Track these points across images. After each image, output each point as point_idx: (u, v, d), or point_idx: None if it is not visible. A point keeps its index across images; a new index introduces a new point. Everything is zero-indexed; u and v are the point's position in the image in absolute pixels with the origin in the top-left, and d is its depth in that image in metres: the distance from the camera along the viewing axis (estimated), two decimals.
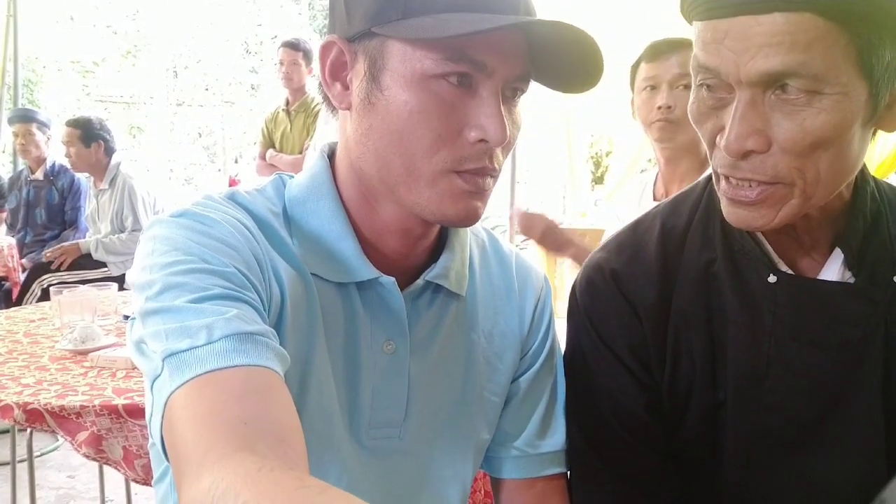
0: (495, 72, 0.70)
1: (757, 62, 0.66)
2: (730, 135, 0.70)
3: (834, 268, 0.80)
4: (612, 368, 0.86)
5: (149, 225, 0.73)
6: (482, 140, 0.71)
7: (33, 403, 1.34)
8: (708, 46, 0.70)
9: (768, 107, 0.69)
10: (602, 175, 6.50)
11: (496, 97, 0.71)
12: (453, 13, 0.67)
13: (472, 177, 0.72)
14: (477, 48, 0.68)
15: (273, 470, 0.51)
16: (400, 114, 0.70)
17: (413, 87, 0.69)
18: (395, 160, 0.72)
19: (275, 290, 0.72)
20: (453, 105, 0.70)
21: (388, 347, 0.79)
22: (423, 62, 0.69)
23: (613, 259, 0.88)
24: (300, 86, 3.84)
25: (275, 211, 0.78)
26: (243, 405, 0.57)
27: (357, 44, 0.73)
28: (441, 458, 0.84)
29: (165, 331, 0.62)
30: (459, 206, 0.73)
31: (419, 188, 0.72)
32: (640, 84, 1.76)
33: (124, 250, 3.62)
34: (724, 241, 0.83)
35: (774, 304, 0.79)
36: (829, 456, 0.80)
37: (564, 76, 0.75)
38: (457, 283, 0.83)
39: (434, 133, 0.70)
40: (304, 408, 0.73)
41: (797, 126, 0.68)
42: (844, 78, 0.66)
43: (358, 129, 0.74)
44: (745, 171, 0.71)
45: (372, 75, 0.71)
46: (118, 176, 3.66)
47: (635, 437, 0.86)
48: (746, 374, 0.81)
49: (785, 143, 0.68)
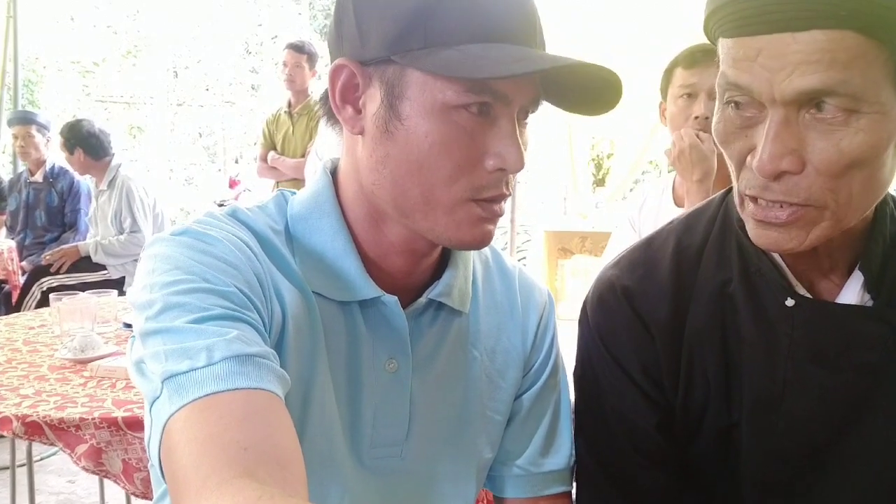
0: (513, 100, 0.70)
1: (794, 80, 0.64)
2: (763, 155, 0.67)
3: (853, 290, 0.78)
4: (623, 387, 0.85)
5: (150, 243, 0.72)
6: (501, 169, 0.71)
7: (32, 416, 1.34)
8: (739, 64, 0.67)
9: (803, 126, 0.66)
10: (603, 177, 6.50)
11: (513, 125, 0.71)
12: (477, 44, 0.67)
13: (489, 204, 0.72)
14: (498, 80, 0.68)
15: (273, 497, 0.51)
16: (421, 144, 0.69)
17: (434, 118, 0.69)
18: (413, 189, 0.71)
19: (276, 308, 0.71)
20: (473, 135, 0.69)
21: (390, 366, 0.78)
22: (445, 93, 0.68)
23: (626, 276, 0.87)
24: (303, 88, 3.82)
25: (276, 228, 0.77)
26: (243, 429, 0.57)
27: (370, 68, 0.71)
28: (443, 477, 0.84)
29: (165, 352, 0.61)
30: (476, 232, 0.73)
31: (436, 216, 0.72)
32: (677, 91, 1.68)
33: (123, 252, 3.63)
34: (740, 262, 0.81)
35: (791, 328, 0.77)
36: (845, 479, 0.79)
37: (581, 102, 0.75)
38: (460, 300, 0.82)
39: (454, 163, 0.70)
40: (305, 427, 0.73)
41: (833, 146, 0.65)
42: (883, 97, 0.64)
43: (373, 156, 0.73)
44: (777, 192, 0.69)
45: (390, 103, 0.70)
46: (117, 177, 3.66)
47: (645, 456, 0.85)
48: (762, 396, 0.79)
49: (820, 163, 0.66)
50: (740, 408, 0.81)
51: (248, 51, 11.54)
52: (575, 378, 0.92)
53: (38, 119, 4.10)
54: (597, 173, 6.76)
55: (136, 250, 3.63)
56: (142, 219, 3.63)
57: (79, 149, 3.62)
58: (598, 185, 6.40)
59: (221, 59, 11.23)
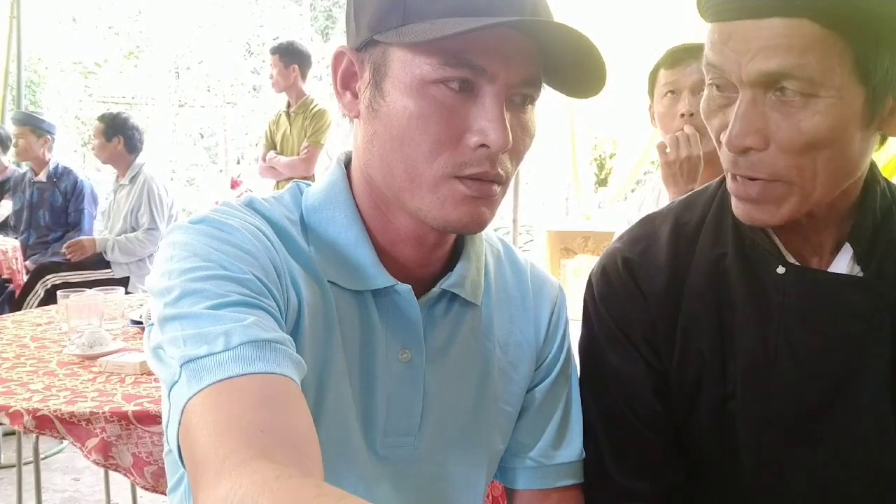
0: (497, 77, 0.69)
1: (756, 63, 0.70)
2: (731, 131, 0.74)
3: (843, 263, 0.82)
4: (623, 351, 0.90)
5: (168, 231, 0.73)
6: (483, 145, 0.70)
7: (43, 410, 1.34)
8: (715, 46, 0.74)
9: (768, 107, 0.72)
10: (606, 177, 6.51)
11: (498, 102, 0.70)
12: (451, 18, 0.67)
13: (475, 182, 0.72)
14: (476, 53, 0.68)
15: (291, 477, 0.51)
16: (400, 119, 0.70)
17: (413, 93, 0.70)
18: (398, 166, 0.72)
19: (292, 296, 0.72)
20: (454, 110, 0.70)
21: (403, 356, 0.79)
22: (423, 68, 0.69)
23: (627, 249, 0.92)
24: (288, 87, 3.84)
25: (292, 218, 0.78)
26: (260, 413, 0.57)
27: (363, 53, 0.73)
28: (455, 468, 0.84)
29: (183, 337, 0.62)
30: (462, 211, 0.72)
31: (421, 193, 0.72)
32: (661, 90, 1.73)
33: (139, 250, 3.66)
34: (735, 237, 0.86)
35: (783, 295, 0.82)
36: (838, 445, 0.82)
37: (569, 80, 0.75)
38: (472, 291, 0.83)
39: (433, 138, 0.70)
40: (321, 415, 0.73)
41: (793, 126, 0.71)
42: (839, 82, 0.69)
43: (364, 136, 0.75)
44: (744, 167, 0.75)
45: (375, 82, 0.72)
46: (140, 174, 3.72)
47: (642, 422, 0.89)
48: (755, 362, 0.83)
49: (781, 141, 0.72)
50: (735, 378, 0.84)
51: (250, 52, 11.54)
52: (579, 346, 0.96)
53: (35, 120, 4.11)
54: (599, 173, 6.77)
55: (151, 249, 3.66)
56: (159, 218, 3.67)
57: (119, 137, 3.69)
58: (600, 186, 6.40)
59: (223, 59, 11.24)
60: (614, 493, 0.89)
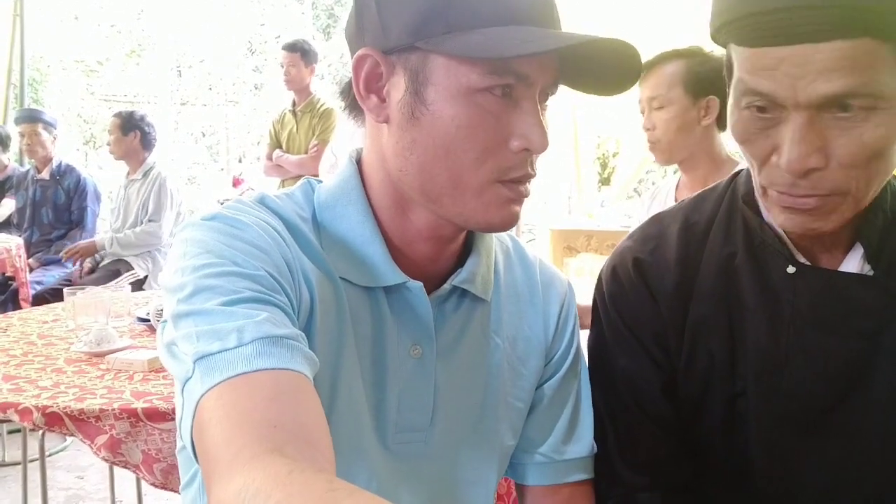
0: (536, 81, 0.71)
1: (818, 86, 0.68)
2: (790, 155, 0.71)
3: (853, 261, 0.82)
4: (632, 349, 0.90)
5: (181, 227, 0.73)
6: (526, 149, 0.72)
7: (52, 407, 1.34)
8: (761, 73, 0.71)
9: (825, 125, 0.71)
10: (609, 176, 6.51)
11: (536, 105, 0.72)
12: (498, 27, 0.68)
13: (516, 185, 0.74)
14: (521, 61, 0.69)
15: (303, 472, 0.52)
16: (447, 129, 0.70)
17: (459, 102, 0.70)
18: (441, 174, 0.72)
19: (304, 293, 0.72)
20: (498, 117, 0.71)
21: (414, 352, 0.79)
22: (469, 76, 0.69)
23: (637, 248, 0.92)
24: (302, 87, 3.85)
25: (304, 215, 0.78)
26: (273, 408, 0.58)
27: (394, 56, 0.72)
28: (466, 463, 0.84)
29: (197, 333, 0.63)
30: (504, 213, 0.74)
31: (465, 199, 0.73)
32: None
33: (138, 243, 3.68)
34: (745, 236, 0.86)
35: (793, 294, 0.82)
36: (850, 440, 0.82)
37: (599, 81, 0.76)
38: (482, 287, 0.83)
39: (481, 146, 0.71)
40: (333, 410, 0.74)
41: (856, 141, 0.70)
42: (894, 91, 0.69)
43: (399, 143, 0.74)
44: (805, 188, 0.73)
45: (415, 90, 0.71)
46: (153, 170, 3.77)
47: (650, 419, 0.89)
48: (767, 361, 0.83)
49: (843, 158, 0.71)
50: (745, 376, 0.85)
51: (251, 50, 11.55)
52: (588, 345, 0.96)
53: (44, 117, 4.13)
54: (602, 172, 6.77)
55: (151, 240, 3.68)
56: (165, 211, 3.70)
57: (136, 132, 3.75)
58: (603, 184, 6.40)
59: (225, 58, 11.24)
60: (620, 488, 0.90)
